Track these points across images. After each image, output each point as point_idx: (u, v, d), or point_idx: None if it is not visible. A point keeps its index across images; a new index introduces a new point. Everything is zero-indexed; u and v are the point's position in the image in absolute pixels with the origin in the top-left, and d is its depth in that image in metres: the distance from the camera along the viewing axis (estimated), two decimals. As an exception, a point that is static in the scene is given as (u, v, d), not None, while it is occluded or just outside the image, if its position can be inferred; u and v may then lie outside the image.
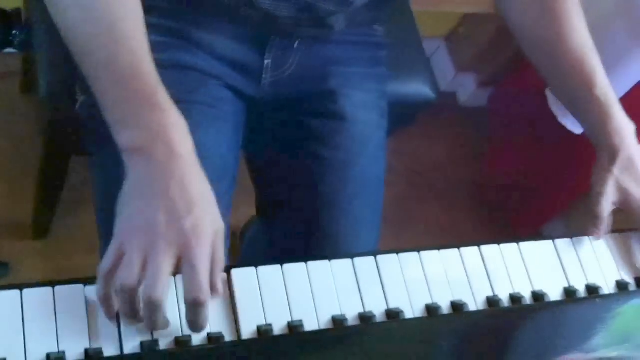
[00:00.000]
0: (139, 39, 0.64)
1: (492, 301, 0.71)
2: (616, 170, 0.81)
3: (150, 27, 0.79)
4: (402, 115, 1.15)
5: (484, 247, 0.75)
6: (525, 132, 1.66)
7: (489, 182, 1.76)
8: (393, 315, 0.66)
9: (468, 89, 1.90)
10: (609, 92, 0.82)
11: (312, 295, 0.65)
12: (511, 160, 1.72)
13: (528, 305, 0.72)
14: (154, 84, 0.62)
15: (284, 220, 0.90)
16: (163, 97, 0.63)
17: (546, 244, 0.78)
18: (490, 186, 1.76)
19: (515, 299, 0.72)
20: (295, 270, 0.66)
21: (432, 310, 0.68)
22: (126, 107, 0.62)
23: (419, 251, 0.72)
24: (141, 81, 0.62)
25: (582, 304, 0.75)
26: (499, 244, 0.76)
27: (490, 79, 1.86)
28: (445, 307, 0.69)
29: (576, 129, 1.35)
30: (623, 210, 0.82)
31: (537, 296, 0.73)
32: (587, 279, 0.77)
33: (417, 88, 1.12)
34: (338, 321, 0.64)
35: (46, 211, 1.30)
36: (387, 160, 0.94)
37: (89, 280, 0.59)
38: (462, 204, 1.74)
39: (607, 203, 0.81)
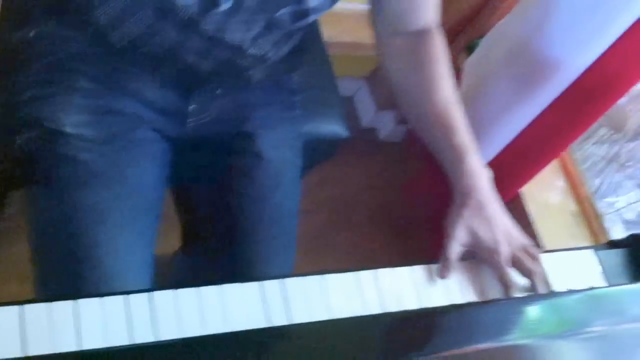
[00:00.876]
0: None
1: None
2: (466, 213, 0.86)
3: (83, 75, 0.88)
4: (320, 152, 1.26)
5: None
6: (438, 165, 1.80)
7: (405, 211, 1.88)
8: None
9: (388, 126, 2.02)
10: (467, 141, 0.90)
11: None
12: (426, 191, 1.85)
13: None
14: None
15: (204, 251, 0.98)
16: None
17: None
18: (407, 215, 1.88)
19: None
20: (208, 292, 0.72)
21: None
22: None
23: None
24: None
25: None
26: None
27: (407, 117, 1.99)
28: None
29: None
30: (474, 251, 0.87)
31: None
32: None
33: (332, 127, 1.22)
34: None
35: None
36: (312, 191, 1.03)
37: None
38: (381, 231, 1.86)
39: (457, 245, 0.85)
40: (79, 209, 0.84)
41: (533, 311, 0.86)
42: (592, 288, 0.91)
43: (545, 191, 1.70)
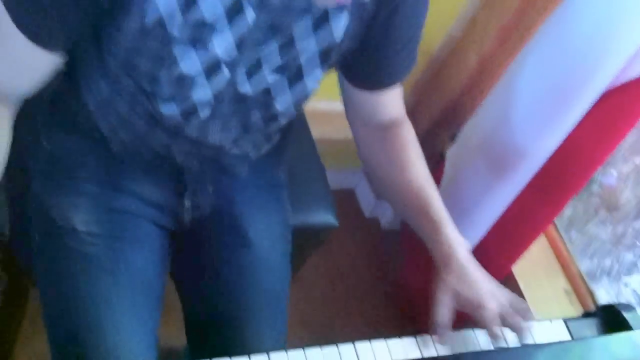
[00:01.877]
0: None
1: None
2: (449, 278, 0.93)
3: (88, 179, 1.02)
4: (311, 240, 1.38)
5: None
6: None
7: (401, 291, 1.97)
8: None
9: (388, 215, 2.14)
10: (442, 213, 1.00)
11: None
12: (421, 273, 1.93)
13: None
14: None
15: (206, 336, 1.09)
16: None
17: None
18: (403, 294, 1.96)
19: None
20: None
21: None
22: None
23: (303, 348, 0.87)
24: None
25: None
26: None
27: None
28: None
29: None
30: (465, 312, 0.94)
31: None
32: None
33: (320, 217, 1.35)
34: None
35: (8, 339, 1.45)
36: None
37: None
38: (378, 308, 1.95)
39: (445, 310, 0.92)
40: (85, 296, 0.96)
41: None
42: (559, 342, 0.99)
43: (536, 271, 1.79)
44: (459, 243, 0.99)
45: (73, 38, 0.84)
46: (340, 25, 0.92)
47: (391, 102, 1.09)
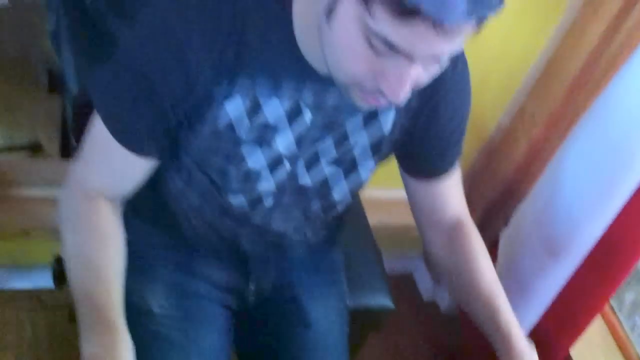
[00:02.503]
0: (114, 283, 0.94)
1: None
2: None
3: (163, 265, 1.13)
4: (368, 322, 1.44)
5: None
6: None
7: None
8: None
9: (446, 299, 2.18)
10: (511, 320, 1.05)
11: None
12: (481, 358, 1.95)
13: None
14: (114, 315, 0.90)
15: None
16: (118, 323, 0.90)
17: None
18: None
19: None
20: None
21: None
22: (91, 327, 0.89)
23: None
24: (105, 311, 0.90)
25: None
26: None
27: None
28: None
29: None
30: None
31: None
32: None
33: (377, 299, 1.41)
34: None
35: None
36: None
37: None
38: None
39: None
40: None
41: None
42: None
43: (595, 354, 1.78)
44: (529, 355, 1.03)
45: (162, 145, 0.97)
46: (388, 120, 1.02)
47: (449, 196, 1.15)
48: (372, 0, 0.72)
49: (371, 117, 1.01)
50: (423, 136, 1.07)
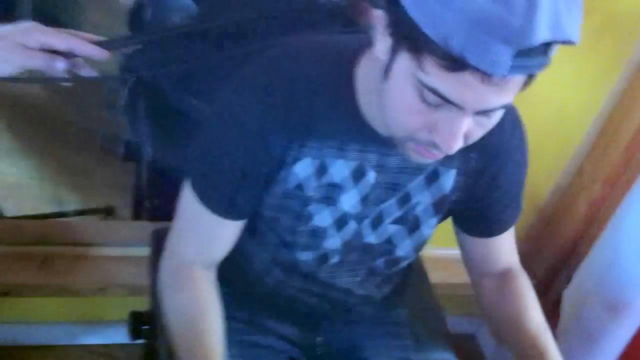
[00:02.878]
0: (214, 348, 1.01)
1: None
2: None
3: (234, 318, 1.19)
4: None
5: None
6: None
7: None
8: None
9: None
10: (557, 358, 1.08)
11: None
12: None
13: None
14: None
15: None
16: None
17: None
18: None
19: None
20: None
21: None
22: None
23: None
24: None
25: None
26: None
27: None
28: None
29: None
30: None
31: None
32: None
33: (440, 356, 1.43)
34: None
35: None
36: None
37: None
38: None
39: None
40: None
41: None
42: None
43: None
44: None
45: (247, 207, 1.05)
46: (449, 181, 1.07)
47: (503, 249, 1.20)
48: (423, 56, 0.78)
49: (433, 177, 1.07)
50: (483, 198, 1.11)
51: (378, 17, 0.85)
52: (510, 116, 1.06)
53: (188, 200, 1.04)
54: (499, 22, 0.72)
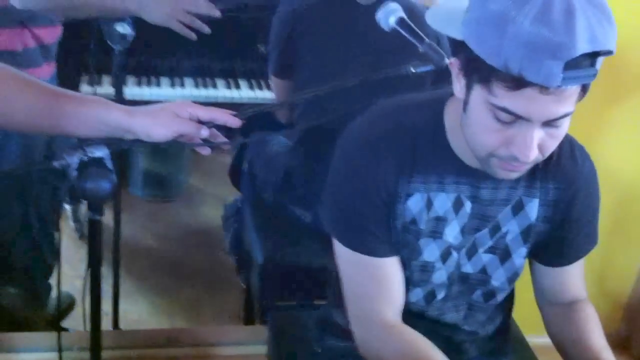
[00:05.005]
0: None
1: None
2: None
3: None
4: None
5: None
6: None
7: None
8: None
9: None
10: None
11: None
12: None
13: None
14: None
15: None
16: None
17: None
18: None
19: None
20: None
21: None
22: None
23: None
24: None
25: None
26: None
27: None
28: None
29: None
30: None
31: None
32: None
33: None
34: None
35: None
36: None
37: None
38: None
39: None
40: None
41: None
42: None
43: None
44: None
45: (389, 242, 1.20)
46: (533, 210, 1.22)
47: (572, 281, 1.31)
48: (491, 82, 0.98)
49: (519, 207, 1.22)
50: (562, 226, 1.25)
51: (453, 63, 1.08)
52: (580, 151, 1.24)
53: (345, 259, 1.21)
54: (545, 42, 0.92)
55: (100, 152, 1.06)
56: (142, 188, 2.93)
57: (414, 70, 1.29)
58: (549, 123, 1.01)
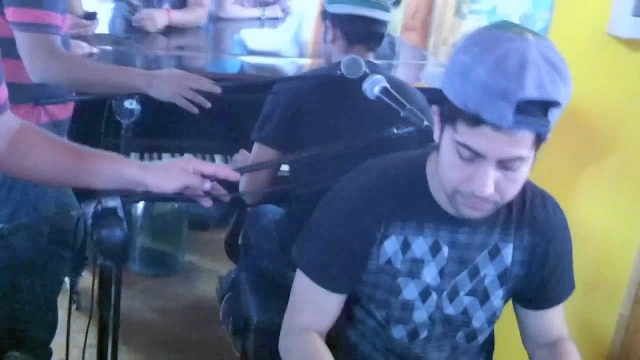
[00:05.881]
0: None
1: None
2: None
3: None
4: None
5: None
6: None
7: None
8: None
9: None
10: None
11: None
12: None
13: None
14: None
15: None
16: None
17: None
18: None
19: None
20: None
21: None
22: None
23: None
24: None
25: None
26: None
27: None
28: None
29: None
30: None
31: None
32: None
33: None
34: None
35: None
36: None
37: None
38: None
39: None
40: None
41: None
42: None
43: None
44: None
45: (350, 280, 1.34)
46: (508, 255, 1.34)
47: (555, 322, 1.41)
48: (456, 122, 1.13)
49: (495, 252, 1.34)
50: (538, 272, 1.36)
51: (435, 111, 1.22)
52: (551, 201, 1.37)
53: (301, 281, 1.35)
54: (498, 86, 1.06)
55: (114, 202, 1.18)
56: (139, 264, 3.02)
57: (396, 132, 1.43)
58: (504, 165, 1.14)
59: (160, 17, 2.84)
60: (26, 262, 1.93)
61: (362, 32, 1.88)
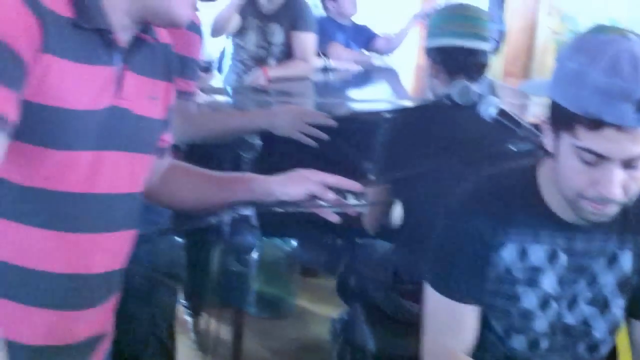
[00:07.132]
0: None
1: None
2: None
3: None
4: None
5: None
6: None
7: None
8: None
9: None
10: None
11: None
12: None
13: None
14: None
15: None
16: None
17: None
18: None
19: None
20: None
21: None
22: None
23: None
24: None
25: None
26: None
27: None
28: None
29: None
30: None
31: None
32: None
33: None
34: None
35: None
36: None
37: None
38: None
39: None
40: None
41: None
42: None
43: None
44: None
45: (480, 292, 1.35)
46: (628, 262, 1.34)
47: None
48: (575, 128, 1.16)
49: (613, 259, 1.34)
50: None
51: (544, 122, 1.27)
52: None
53: (431, 299, 1.36)
54: (617, 87, 1.11)
55: (248, 211, 1.29)
56: (255, 307, 3.13)
57: (515, 150, 1.48)
58: (629, 164, 1.17)
59: (258, 77, 3.10)
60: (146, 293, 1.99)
61: (461, 63, 1.95)
